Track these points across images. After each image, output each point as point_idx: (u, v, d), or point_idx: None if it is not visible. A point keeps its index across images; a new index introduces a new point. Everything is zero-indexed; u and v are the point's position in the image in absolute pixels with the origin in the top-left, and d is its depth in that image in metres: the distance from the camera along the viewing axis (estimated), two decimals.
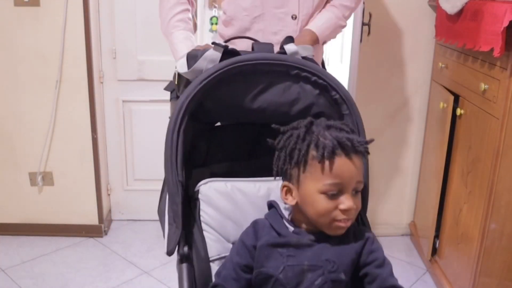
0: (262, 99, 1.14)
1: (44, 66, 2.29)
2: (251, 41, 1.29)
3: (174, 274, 1.20)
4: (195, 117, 1.14)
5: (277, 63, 1.12)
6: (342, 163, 0.96)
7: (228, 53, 1.13)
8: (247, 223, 1.08)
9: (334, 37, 1.63)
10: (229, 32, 1.59)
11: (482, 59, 1.76)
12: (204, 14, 2.41)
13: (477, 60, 1.81)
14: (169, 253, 1.04)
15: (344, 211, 0.96)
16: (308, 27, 1.53)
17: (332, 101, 1.17)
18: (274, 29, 1.54)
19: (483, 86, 1.73)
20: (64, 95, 2.33)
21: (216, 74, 1.09)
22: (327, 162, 0.95)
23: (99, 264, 2.25)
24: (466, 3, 1.84)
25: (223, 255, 1.10)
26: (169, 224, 1.06)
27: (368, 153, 1.02)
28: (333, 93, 1.15)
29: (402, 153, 2.51)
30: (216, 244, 1.11)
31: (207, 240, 1.11)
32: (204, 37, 2.45)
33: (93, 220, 2.50)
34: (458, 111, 1.95)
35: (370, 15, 2.23)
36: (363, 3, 2.07)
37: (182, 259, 1.04)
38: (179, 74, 1.17)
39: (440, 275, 2.10)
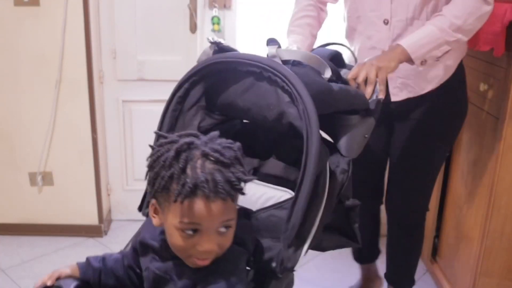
0: (247, 99, 1.11)
1: (44, 66, 2.29)
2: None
3: None
4: (209, 109, 1.18)
5: (250, 63, 1.07)
6: (201, 205, 0.85)
7: (221, 49, 1.15)
8: None
9: (438, 55, 1.43)
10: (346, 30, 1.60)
11: (482, 59, 1.76)
12: (204, 14, 2.41)
13: (477, 60, 1.81)
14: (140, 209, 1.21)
15: (202, 252, 0.89)
16: (401, 41, 1.34)
17: (301, 114, 0.99)
18: (369, 33, 1.48)
19: (483, 86, 1.73)
20: (64, 95, 2.33)
21: (199, 68, 1.13)
22: (185, 202, 0.85)
23: None
24: None
25: None
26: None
27: (243, 193, 0.89)
28: (300, 106, 0.98)
29: None
30: None
31: None
32: (204, 37, 2.45)
33: (93, 220, 2.50)
34: None
35: None
36: None
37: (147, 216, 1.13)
38: None
39: (440, 275, 2.10)
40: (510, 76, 1.57)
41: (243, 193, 0.90)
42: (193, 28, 2.40)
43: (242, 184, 0.89)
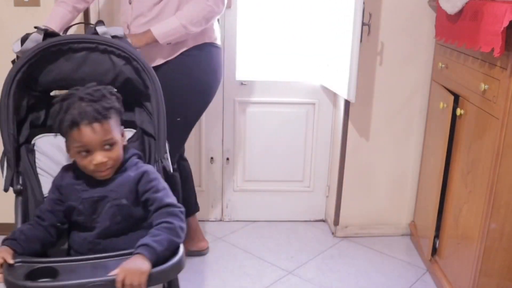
0: (82, 71, 1.46)
1: None
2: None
3: None
4: (29, 87, 1.46)
5: (87, 41, 1.44)
6: (83, 131, 1.24)
7: (49, 35, 1.44)
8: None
9: (179, 40, 1.83)
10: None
11: (482, 59, 1.76)
12: None
13: (477, 60, 1.81)
14: (5, 189, 1.41)
15: (97, 165, 1.26)
16: (153, 28, 1.77)
17: (135, 70, 1.47)
18: (122, 10, 1.89)
19: (483, 86, 1.73)
20: None
21: (36, 52, 1.40)
22: (74, 131, 1.24)
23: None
24: (466, 3, 1.84)
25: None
26: (3, 167, 1.41)
27: (109, 117, 1.27)
28: (134, 63, 1.46)
29: (402, 153, 2.51)
30: (49, 185, 1.40)
31: (42, 181, 1.45)
32: None
33: None
34: (458, 111, 1.95)
35: (370, 15, 2.23)
36: (363, 3, 2.08)
37: (17, 194, 1.42)
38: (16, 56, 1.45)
39: (440, 275, 2.10)
40: (510, 76, 1.57)
41: (108, 117, 1.27)
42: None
43: (110, 111, 1.28)
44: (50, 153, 1.47)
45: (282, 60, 2.62)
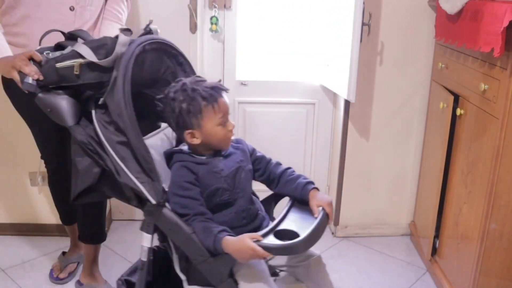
0: (149, 71, 1.47)
1: None
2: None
3: None
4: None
5: (157, 41, 1.47)
6: (221, 101, 1.37)
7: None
8: (161, 169, 1.39)
9: None
10: (11, 19, 1.72)
11: (482, 59, 1.76)
12: (204, 14, 2.41)
13: (477, 60, 1.81)
14: (160, 202, 1.31)
15: (231, 130, 1.40)
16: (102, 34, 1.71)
17: (178, 64, 1.56)
18: (53, 18, 1.69)
19: (483, 86, 1.73)
20: None
21: (136, 52, 1.36)
22: (215, 106, 1.35)
23: (99, 264, 2.25)
24: (466, 3, 1.84)
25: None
26: (142, 182, 1.30)
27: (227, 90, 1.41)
28: (180, 58, 1.55)
29: (402, 153, 2.51)
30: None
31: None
32: (204, 36, 2.45)
33: None
34: (458, 111, 1.95)
35: (370, 15, 2.23)
36: (363, 3, 2.08)
37: (164, 203, 1.34)
38: (86, 64, 1.35)
39: (440, 275, 2.11)
40: (510, 76, 1.57)
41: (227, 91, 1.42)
42: (193, 28, 2.40)
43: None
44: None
45: (282, 60, 2.62)
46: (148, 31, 1.49)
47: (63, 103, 1.37)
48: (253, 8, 2.53)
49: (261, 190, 1.54)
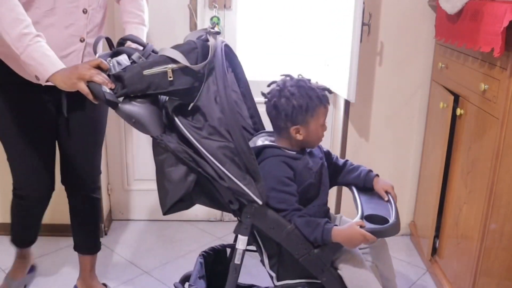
0: None
1: None
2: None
3: (174, 273, 1.20)
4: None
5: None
6: (327, 106, 1.47)
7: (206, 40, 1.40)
8: None
9: None
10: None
11: (482, 59, 1.76)
12: (204, 14, 2.41)
13: (477, 60, 1.81)
14: (265, 201, 1.34)
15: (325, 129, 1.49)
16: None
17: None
18: (66, 23, 1.59)
19: (483, 86, 1.73)
20: None
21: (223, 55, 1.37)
22: (326, 106, 1.45)
23: (99, 264, 2.25)
24: (466, 3, 1.84)
25: None
26: (247, 184, 1.31)
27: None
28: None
29: (402, 153, 2.51)
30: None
31: None
32: None
33: None
34: (458, 111, 1.95)
35: (370, 15, 2.23)
36: (363, 3, 2.08)
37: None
38: (180, 69, 1.31)
39: (440, 275, 2.10)
40: (510, 76, 1.57)
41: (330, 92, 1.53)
42: (193, 28, 2.40)
43: None
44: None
45: (282, 60, 2.62)
46: (205, 39, 1.43)
47: (147, 112, 1.32)
48: (253, 8, 2.53)
49: None
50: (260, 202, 1.32)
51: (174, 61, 1.31)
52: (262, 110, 2.66)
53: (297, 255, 1.37)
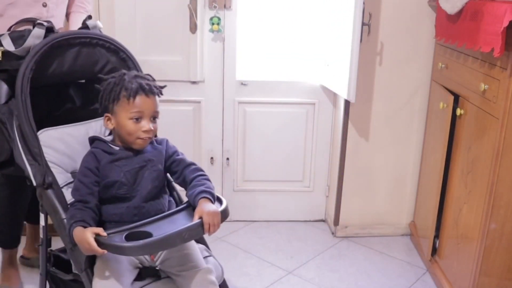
0: (77, 64, 1.58)
1: None
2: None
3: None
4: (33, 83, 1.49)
5: (84, 36, 1.58)
6: (142, 99, 1.41)
7: (48, 31, 1.52)
8: (78, 156, 1.51)
9: None
10: None
11: (482, 59, 1.76)
12: (204, 14, 2.41)
13: (477, 60, 1.81)
14: (40, 184, 1.44)
15: (145, 131, 1.42)
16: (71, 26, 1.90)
17: (121, 60, 1.67)
18: (28, 15, 1.75)
19: (483, 86, 1.73)
20: None
21: (46, 47, 1.48)
22: (131, 99, 1.41)
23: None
24: (466, 3, 1.84)
25: (67, 181, 1.51)
26: (31, 164, 1.47)
27: (161, 94, 1.47)
28: (121, 53, 1.66)
29: (402, 153, 2.51)
30: (60, 175, 1.50)
31: (53, 173, 1.50)
32: (204, 37, 2.45)
33: None
34: (458, 111, 1.95)
35: (370, 15, 2.23)
36: (363, 3, 2.08)
37: (49, 187, 1.45)
38: (5, 52, 1.48)
39: (440, 275, 2.10)
40: (510, 76, 1.57)
41: (159, 95, 1.47)
42: (193, 28, 2.40)
43: (160, 91, 1.47)
44: (55, 145, 1.52)
45: (282, 60, 2.62)
46: (84, 26, 1.62)
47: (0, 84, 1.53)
48: (253, 8, 2.53)
49: None
50: (34, 183, 1.46)
51: (1, 44, 1.49)
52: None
53: (66, 247, 1.43)
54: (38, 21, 1.52)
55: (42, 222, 1.55)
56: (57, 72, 1.56)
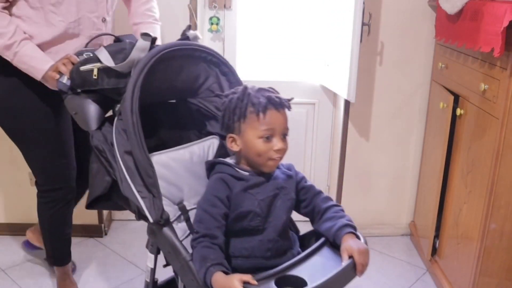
0: (180, 79, 1.39)
1: None
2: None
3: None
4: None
5: (189, 47, 1.36)
6: (272, 114, 1.22)
7: (152, 42, 1.33)
8: (185, 184, 1.33)
9: None
10: (43, 36, 1.61)
11: (482, 59, 1.76)
12: (204, 14, 2.41)
13: (477, 60, 1.81)
14: (158, 221, 1.23)
15: (276, 151, 1.23)
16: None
17: (222, 74, 1.45)
18: (89, 33, 1.66)
19: (483, 86, 1.73)
20: None
21: (152, 60, 1.26)
22: (261, 115, 1.22)
23: (99, 264, 2.25)
24: (466, 3, 1.84)
25: (176, 215, 1.31)
26: (143, 197, 1.24)
27: (290, 108, 1.27)
28: (223, 67, 1.44)
29: (402, 153, 2.51)
30: (169, 208, 1.29)
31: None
32: (204, 37, 2.45)
33: (93, 220, 2.49)
34: (458, 111, 1.95)
35: (370, 15, 2.23)
36: (363, 3, 2.08)
37: (166, 223, 1.24)
38: (102, 69, 1.33)
39: (440, 275, 2.11)
40: (510, 76, 1.57)
41: (289, 108, 1.26)
42: (193, 28, 2.40)
43: (288, 103, 1.26)
44: (161, 173, 1.29)
45: (282, 60, 2.62)
46: (185, 37, 1.42)
47: (90, 107, 1.35)
48: (253, 8, 2.53)
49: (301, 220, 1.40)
50: (151, 219, 1.24)
51: (99, 60, 1.34)
52: None
53: None
54: (143, 32, 1.34)
55: (150, 264, 1.39)
56: (157, 90, 1.36)
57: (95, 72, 1.33)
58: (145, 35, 1.31)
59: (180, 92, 1.45)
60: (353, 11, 2.05)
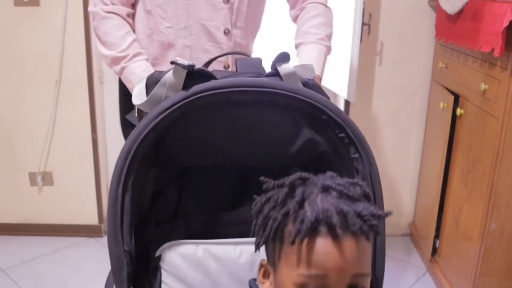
0: (247, 138, 0.89)
1: (44, 66, 2.29)
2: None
3: None
4: (156, 160, 0.89)
5: (262, 91, 0.83)
6: (327, 245, 0.65)
7: (195, 75, 0.84)
8: None
9: None
10: (150, 50, 1.32)
11: (482, 59, 1.76)
12: None
13: (477, 60, 1.81)
14: None
15: None
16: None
17: (337, 139, 0.90)
18: (205, 46, 1.29)
19: (483, 86, 1.73)
20: (64, 95, 2.33)
21: (175, 106, 0.82)
22: (304, 244, 0.65)
23: (99, 264, 2.25)
24: (466, 3, 1.84)
25: None
26: None
27: (378, 233, 0.68)
28: (338, 131, 0.88)
29: (402, 153, 2.51)
30: None
31: None
32: None
33: (93, 220, 2.50)
34: (458, 111, 1.95)
35: (370, 15, 2.23)
36: (363, 3, 2.08)
37: None
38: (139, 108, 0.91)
39: (440, 275, 2.10)
40: (510, 76, 1.57)
41: (378, 233, 0.68)
42: None
43: (377, 225, 0.67)
44: (186, 274, 0.89)
45: None
46: (273, 73, 0.89)
47: None
48: None
49: None
50: None
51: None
52: None
53: None
54: (177, 58, 0.85)
55: None
56: (209, 147, 0.91)
57: (136, 111, 0.99)
58: (178, 64, 0.83)
59: (261, 156, 0.94)
60: (353, 11, 2.05)
